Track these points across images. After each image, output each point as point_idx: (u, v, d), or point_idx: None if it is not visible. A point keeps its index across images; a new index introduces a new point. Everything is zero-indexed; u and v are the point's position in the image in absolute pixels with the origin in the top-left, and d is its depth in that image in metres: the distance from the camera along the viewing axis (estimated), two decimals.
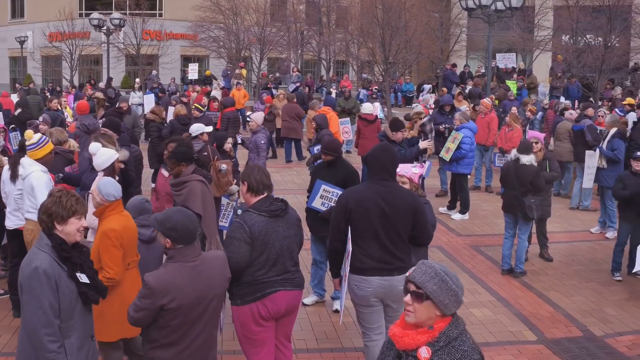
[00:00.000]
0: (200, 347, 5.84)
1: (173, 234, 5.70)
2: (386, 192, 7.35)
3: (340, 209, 7.46)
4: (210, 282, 5.82)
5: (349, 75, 44.13)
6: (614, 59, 30.28)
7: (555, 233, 13.62)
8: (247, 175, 7.04)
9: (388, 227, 7.28)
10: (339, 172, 10.00)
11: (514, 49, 39.52)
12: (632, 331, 10.06)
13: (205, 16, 41.51)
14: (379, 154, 7.57)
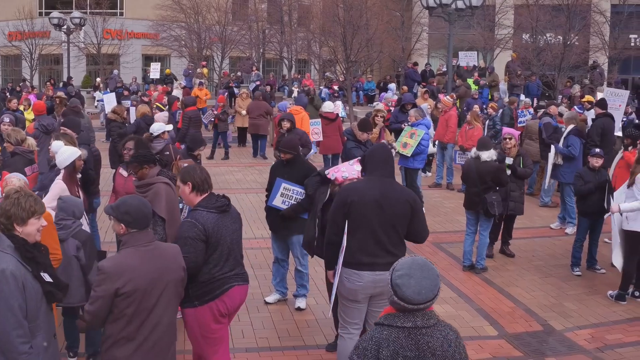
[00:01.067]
0: (158, 342, 5.82)
1: (127, 217, 5.74)
2: (386, 189, 7.38)
3: (340, 203, 7.43)
4: (164, 266, 5.83)
5: (310, 74, 44.15)
6: (573, 57, 30.61)
7: (516, 229, 13.71)
8: (190, 175, 7.05)
9: (385, 222, 7.30)
10: (298, 171, 10.01)
11: (475, 47, 39.84)
12: (591, 325, 10.19)
13: (166, 15, 41.28)
14: (378, 152, 7.64)
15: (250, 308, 10.29)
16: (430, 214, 16.05)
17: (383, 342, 4.29)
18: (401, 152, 15.75)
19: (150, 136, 12.26)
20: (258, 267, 12.11)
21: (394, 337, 4.28)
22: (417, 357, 4.26)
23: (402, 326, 4.30)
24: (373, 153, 7.66)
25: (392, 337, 4.28)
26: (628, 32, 43.48)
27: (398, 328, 4.30)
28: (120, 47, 44.46)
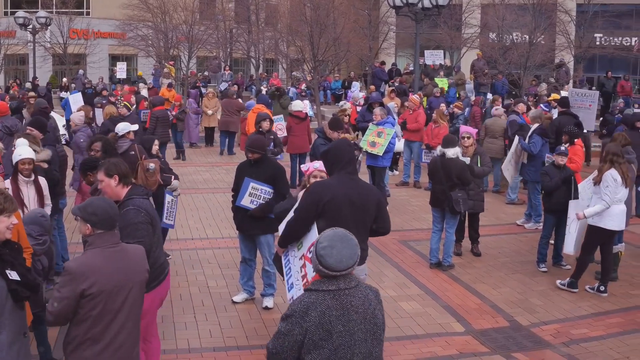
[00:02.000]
0: (123, 344, 5.80)
1: (93, 218, 5.71)
2: (355, 185, 7.46)
3: (312, 201, 7.35)
4: (130, 268, 5.82)
5: (278, 74, 44.11)
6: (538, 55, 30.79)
7: (482, 227, 13.81)
8: (115, 168, 7.14)
9: (357, 219, 7.33)
10: (266, 170, 10.00)
11: (442, 46, 40.00)
12: (556, 320, 10.30)
13: (133, 15, 40.98)
14: (344, 149, 7.63)
15: (218, 307, 10.31)
16: (397, 212, 16.16)
17: (311, 305, 4.85)
18: (370, 151, 15.78)
19: (115, 136, 12.21)
20: (226, 267, 12.11)
21: (320, 300, 4.85)
22: (342, 315, 4.83)
23: (328, 289, 4.87)
24: (338, 151, 7.63)
25: (319, 300, 4.85)
26: (593, 31, 43.87)
27: (324, 291, 4.87)
28: (86, 46, 44.08)
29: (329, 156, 7.65)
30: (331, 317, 4.81)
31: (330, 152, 7.66)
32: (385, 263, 12.58)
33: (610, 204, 10.94)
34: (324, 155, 7.82)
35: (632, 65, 47.09)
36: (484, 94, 31.02)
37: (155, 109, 20.76)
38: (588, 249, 11.32)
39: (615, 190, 10.92)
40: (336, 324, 4.81)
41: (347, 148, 7.68)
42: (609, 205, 10.95)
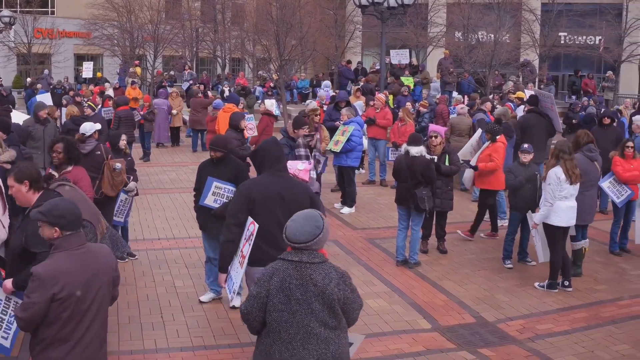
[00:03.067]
0: (91, 343, 5.76)
1: (62, 220, 5.63)
2: (285, 183, 7.63)
3: (242, 199, 7.56)
4: (98, 269, 5.78)
5: (244, 73, 44.03)
6: (503, 54, 31.06)
7: (449, 224, 13.87)
8: (25, 173, 7.01)
9: (289, 215, 7.23)
10: (229, 168, 9.97)
11: (408, 45, 40.15)
12: (522, 315, 10.40)
13: (98, 14, 40.76)
14: (273, 147, 7.77)
15: (184, 307, 10.28)
16: (363, 210, 16.23)
17: (276, 271, 5.45)
18: (332, 149, 15.83)
19: (82, 136, 12.13)
20: (192, 267, 12.08)
21: (284, 268, 5.43)
22: (300, 284, 5.35)
23: (291, 260, 5.42)
24: (266, 150, 7.77)
25: (282, 268, 5.43)
26: (557, 30, 44.26)
27: (288, 261, 5.44)
28: (51, 46, 43.82)
29: (257, 155, 7.82)
30: (291, 285, 5.35)
31: (258, 152, 7.83)
32: (352, 261, 12.61)
33: (552, 202, 11.14)
34: (252, 155, 7.97)
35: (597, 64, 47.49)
36: (450, 92, 31.18)
37: (119, 108, 20.65)
38: (553, 248, 11.43)
39: (557, 188, 11.10)
40: (295, 291, 5.34)
41: (275, 147, 7.87)
42: (551, 204, 11.15)
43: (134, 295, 10.68)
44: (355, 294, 5.55)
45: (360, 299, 5.61)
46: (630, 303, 11.09)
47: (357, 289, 5.61)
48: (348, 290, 5.45)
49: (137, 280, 11.36)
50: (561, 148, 11.34)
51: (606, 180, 13.24)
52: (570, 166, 11.12)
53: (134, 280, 11.38)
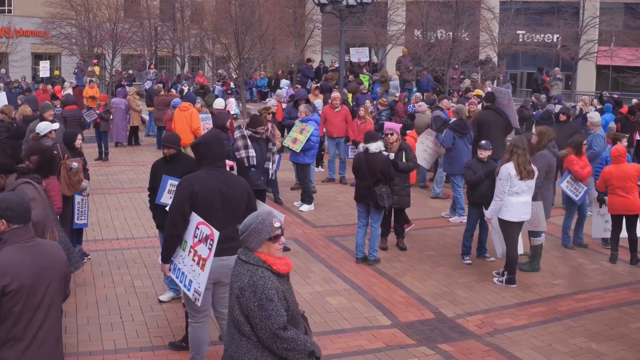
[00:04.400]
0: (46, 341, 5.70)
1: (8, 212, 5.59)
2: (225, 178, 7.82)
3: (185, 194, 7.65)
4: (47, 262, 5.72)
5: (204, 71, 43.87)
6: (462, 52, 31.20)
7: None
8: None
9: (228, 210, 7.64)
10: (183, 166, 9.87)
11: (367, 43, 40.24)
12: (481, 310, 10.48)
13: (56, 12, 40.33)
14: (213, 143, 7.98)
15: (144, 307, 10.23)
16: (323, 208, 16.25)
17: None
18: (291, 147, 15.84)
19: (37, 136, 12.03)
20: (151, 266, 12.01)
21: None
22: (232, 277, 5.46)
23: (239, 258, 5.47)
24: (208, 145, 7.95)
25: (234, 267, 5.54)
26: (515, 28, 44.64)
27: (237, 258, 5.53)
28: (8, 45, 43.30)
29: (199, 149, 7.96)
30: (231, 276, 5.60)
31: (200, 146, 7.98)
32: (311, 259, 12.62)
33: (501, 197, 11.31)
34: (194, 148, 8.11)
35: (554, 61, 47.95)
36: (410, 90, 31.30)
37: (66, 108, 20.41)
38: (508, 243, 11.55)
39: (507, 183, 11.27)
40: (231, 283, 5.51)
41: (217, 142, 8.07)
42: (500, 199, 11.31)
43: (93, 296, 10.60)
44: (264, 312, 5.22)
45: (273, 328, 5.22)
46: (587, 297, 11.22)
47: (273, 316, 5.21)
48: (254, 302, 5.24)
49: (96, 281, 11.27)
50: (516, 143, 11.47)
51: (564, 180, 13.37)
52: (522, 162, 11.23)
53: (92, 280, 11.29)
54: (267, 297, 5.20)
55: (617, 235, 13.00)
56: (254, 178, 12.71)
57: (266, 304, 5.20)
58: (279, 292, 5.28)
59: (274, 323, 5.20)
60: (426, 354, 9.00)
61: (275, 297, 5.22)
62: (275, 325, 5.20)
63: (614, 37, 44.62)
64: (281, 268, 5.42)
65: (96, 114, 23.17)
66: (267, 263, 5.36)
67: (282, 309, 5.25)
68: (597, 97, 29.03)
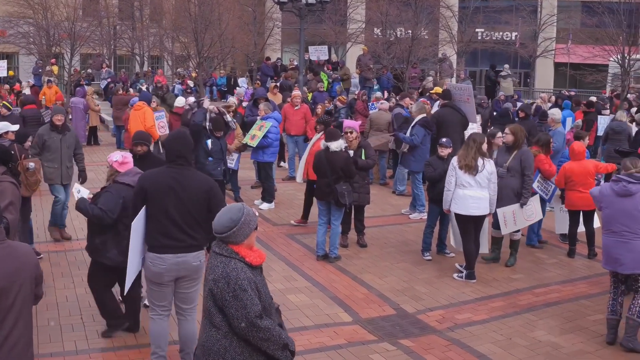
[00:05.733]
0: (17, 344, 5.62)
1: None
2: (181, 176, 7.84)
3: (138, 190, 7.96)
4: (19, 265, 5.67)
5: (163, 70, 43.67)
6: (421, 50, 31.38)
7: (368, 218, 14.01)
8: None
9: (181, 208, 7.73)
10: (152, 165, 9.85)
11: (327, 41, 40.31)
12: (441, 306, 10.57)
13: (13, 11, 39.86)
14: (175, 142, 8.11)
15: None
16: (284, 206, 16.26)
17: None
18: (249, 143, 15.83)
19: None
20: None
21: None
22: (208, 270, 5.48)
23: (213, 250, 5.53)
24: (169, 144, 8.19)
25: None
26: (474, 26, 44.96)
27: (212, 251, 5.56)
28: None
29: (165, 146, 8.32)
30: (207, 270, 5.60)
31: (165, 143, 8.32)
32: (272, 257, 12.60)
33: (448, 187, 11.54)
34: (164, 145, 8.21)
35: (513, 59, 48.37)
36: (370, 88, 31.39)
37: (25, 107, 20.19)
38: (463, 237, 11.71)
39: (452, 174, 11.50)
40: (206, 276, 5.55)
41: (179, 140, 8.15)
42: (448, 189, 11.55)
43: (53, 297, 10.49)
44: (239, 302, 5.28)
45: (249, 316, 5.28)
46: (546, 291, 11.35)
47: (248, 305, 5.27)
48: (228, 293, 5.30)
49: (55, 282, 11.17)
50: (472, 137, 11.64)
51: (535, 181, 13.45)
52: (465, 155, 11.34)
53: (52, 282, 11.17)
54: (240, 287, 5.28)
55: (574, 230, 13.17)
56: (211, 168, 13.06)
57: (240, 293, 5.27)
58: (252, 284, 5.34)
59: (250, 312, 5.26)
60: (387, 349, 9.04)
61: (248, 287, 5.30)
62: (251, 314, 5.27)
63: (572, 35, 45.11)
64: (254, 260, 5.48)
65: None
66: (240, 255, 5.42)
67: (256, 298, 5.32)
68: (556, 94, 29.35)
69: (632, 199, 9.02)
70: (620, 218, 9.08)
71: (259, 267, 5.59)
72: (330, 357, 8.79)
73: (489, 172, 11.45)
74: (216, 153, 13.14)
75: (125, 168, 9.13)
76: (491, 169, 11.50)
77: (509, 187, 12.11)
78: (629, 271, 9.09)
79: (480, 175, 11.38)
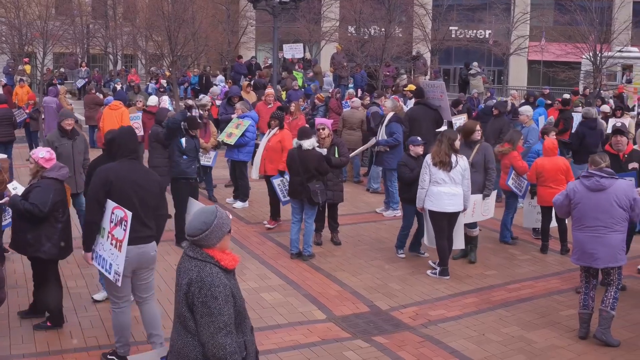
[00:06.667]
0: None
1: None
2: (140, 171, 8.32)
3: (101, 183, 8.03)
4: None
5: (137, 69, 43.47)
6: (394, 48, 31.43)
7: (342, 216, 14.03)
8: None
9: (142, 200, 8.10)
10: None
11: (301, 39, 40.30)
12: (415, 303, 10.59)
13: None
14: (128, 138, 8.42)
15: (77, 307, 10.08)
16: (257, 204, 16.29)
17: None
18: (226, 141, 15.81)
19: None
20: (84, 266, 11.81)
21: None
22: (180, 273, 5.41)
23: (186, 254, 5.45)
24: (123, 139, 8.36)
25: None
26: (448, 24, 45.12)
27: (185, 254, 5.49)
28: None
29: (114, 144, 8.40)
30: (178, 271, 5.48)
31: (115, 140, 8.41)
32: (246, 255, 12.60)
33: (422, 185, 11.56)
34: (109, 143, 8.56)
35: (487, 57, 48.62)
36: (345, 86, 31.42)
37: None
38: (436, 234, 11.72)
39: (426, 171, 11.51)
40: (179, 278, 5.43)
41: (131, 137, 8.52)
42: (422, 187, 11.56)
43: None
44: (205, 309, 5.19)
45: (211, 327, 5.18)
46: (519, 287, 11.42)
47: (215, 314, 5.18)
48: (198, 298, 5.23)
49: (28, 283, 11.07)
50: (445, 133, 11.67)
51: (510, 177, 13.51)
52: (436, 151, 11.38)
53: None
54: (212, 294, 5.19)
55: (547, 226, 13.26)
56: (185, 166, 13.01)
57: (210, 301, 5.18)
58: (227, 289, 5.27)
59: (214, 321, 5.17)
60: (361, 346, 9.05)
61: (220, 295, 5.20)
62: (214, 324, 5.17)
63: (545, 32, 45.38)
64: (229, 264, 5.42)
65: (26, 114, 22.80)
66: (215, 259, 5.36)
67: (225, 307, 5.21)
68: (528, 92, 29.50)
69: (605, 193, 9.08)
70: (594, 213, 9.13)
71: (233, 271, 5.54)
72: (304, 355, 8.79)
73: (463, 168, 11.47)
74: (191, 152, 13.10)
75: (50, 164, 9.29)
76: (464, 165, 11.52)
77: (475, 182, 12.16)
78: (603, 265, 9.16)
79: (454, 171, 11.40)
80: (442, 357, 8.79)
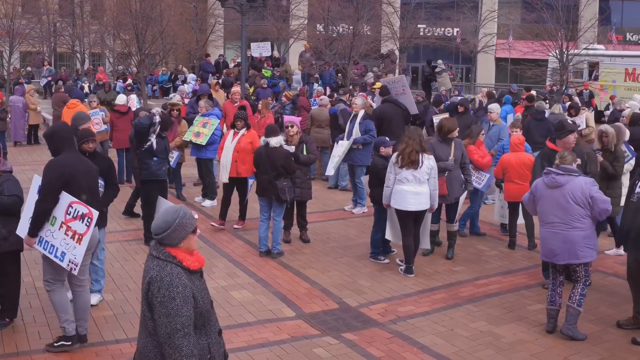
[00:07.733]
0: None
1: None
2: (83, 159, 8.92)
3: (57, 175, 8.46)
4: None
5: (104, 68, 43.23)
6: (362, 46, 31.52)
7: (311, 213, 14.05)
8: None
9: (90, 186, 8.79)
10: (100, 163, 9.68)
11: (269, 38, 40.28)
12: (384, 299, 10.63)
13: None
14: (67, 130, 9.04)
15: (46, 308, 9.97)
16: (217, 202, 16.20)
17: None
18: (194, 141, 15.77)
19: None
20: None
21: None
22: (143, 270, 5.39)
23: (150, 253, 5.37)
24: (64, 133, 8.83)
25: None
26: (416, 22, 45.29)
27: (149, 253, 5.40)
28: None
29: (55, 137, 8.77)
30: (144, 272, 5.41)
31: (55, 134, 8.81)
32: (215, 254, 12.59)
33: (387, 184, 11.59)
34: (49, 137, 8.86)
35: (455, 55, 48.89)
36: (312, 84, 31.46)
37: None
38: (402, 232, 11.77)
39: (392, 170, 11.53)
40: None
41: (70, 131, 9.11)
42: (388, 185, 11.59)
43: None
44: (163, 309, 5.09)
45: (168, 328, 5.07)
46: (487, 282, 11.50)
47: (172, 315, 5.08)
48: (157, 298, 5.11)
49: None
50: (408, 133, 11.73)
51: None
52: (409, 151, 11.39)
53: None
54: (170, 294, 5.07)
55: (514, 221, 13.36)
56: (156, 167, 12.78)
57: (168, 301, 5.06)
58: (187, 289, 5.14)
59: (171, 322, 5.06)
60: (330, 343, 9.07)
61: (179, 296, 5.08)
62: (171, 325, 5.06)
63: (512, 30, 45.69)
64: (192, 264, 5.30)
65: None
66: (177, 259, 5.24)
67: (184, 309, 5.09)
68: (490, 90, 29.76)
69: (561, 190, 9.17)
70: (553, 210, 9.23)
71: (198, 272, 5.41)
72: (274, 352, 8.79)
73: (429, 167, 11.48)
74: (161, 153, 12.94)
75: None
76: (431, 164, 11.54)
77: (458, 178, 12.26)
78: (563, 262, 9.25)
79: (420, 170, 11.43)
80: (411, 352, 8.84)
